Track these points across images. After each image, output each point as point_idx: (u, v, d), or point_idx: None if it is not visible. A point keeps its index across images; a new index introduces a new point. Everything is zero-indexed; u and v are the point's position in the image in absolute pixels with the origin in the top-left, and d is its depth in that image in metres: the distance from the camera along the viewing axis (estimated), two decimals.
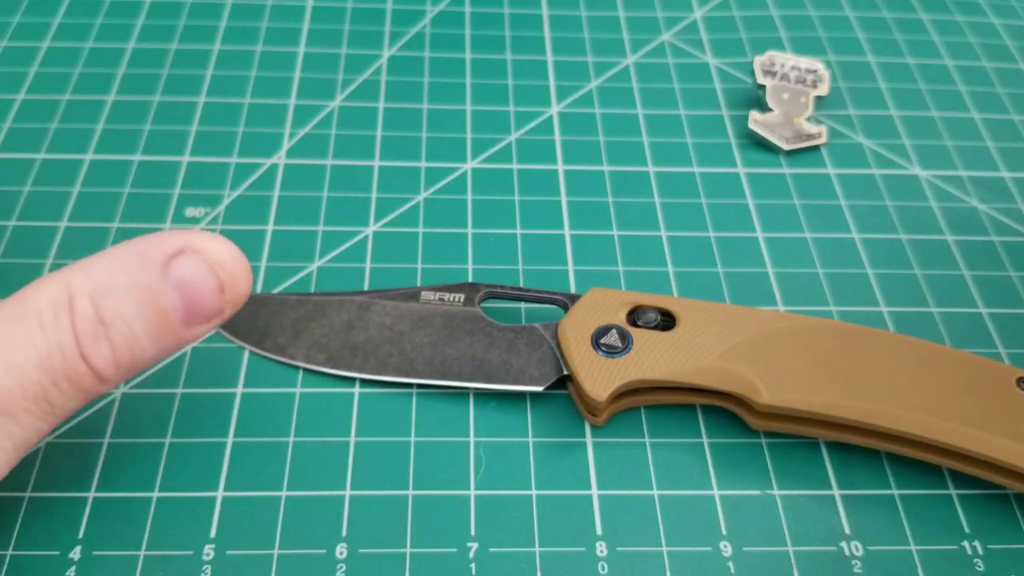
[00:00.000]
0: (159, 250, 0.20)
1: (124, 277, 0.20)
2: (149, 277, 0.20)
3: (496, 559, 0.24)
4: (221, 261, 0.21)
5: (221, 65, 0.37)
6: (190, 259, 0.20)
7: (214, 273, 0.21)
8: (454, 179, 0.34)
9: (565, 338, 0.26)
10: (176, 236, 0.20)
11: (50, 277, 0.20)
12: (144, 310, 0.20)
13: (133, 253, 0.20)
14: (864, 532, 0.25)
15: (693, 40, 0.40)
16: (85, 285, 0.20)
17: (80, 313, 0.19)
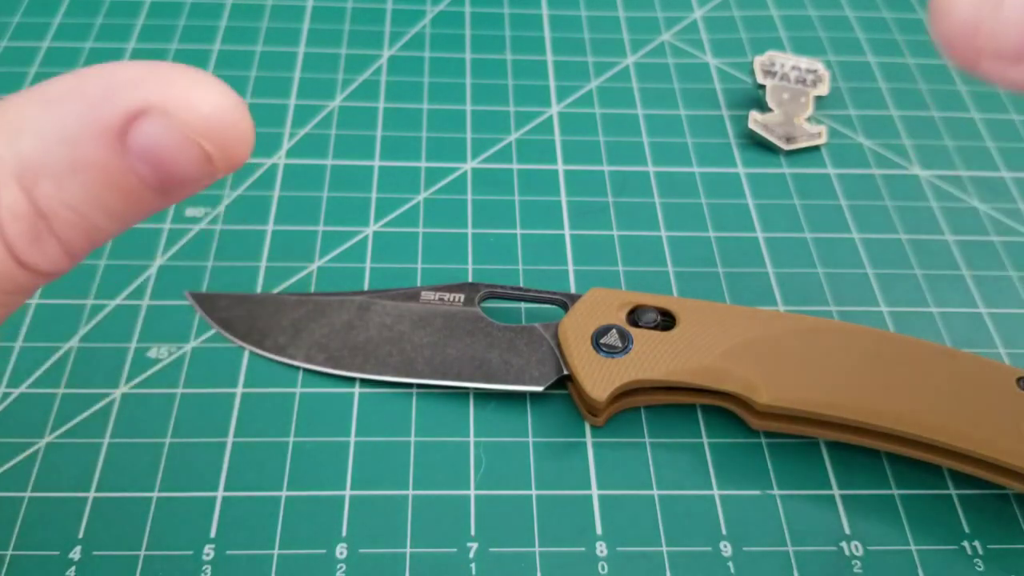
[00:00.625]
0: (111, 109, 0.14)
1: (66, 150, 0.14)
2: (102, 151, 0.14)
3: (496, 559, 0.24)
4: (199, 125, 0.14)
5: (221, 65, 0.37)
6: (155, 124, 0.14)
7: (191, 141, 0.14)
8: (454, 179, 0.34)
9: (565, 338, 0.26)
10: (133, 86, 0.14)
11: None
12: (100, 192, 0.14)
13: (77, 113, 0.14)
14: (864, 532, 0.25)
15: (693, 40, 0.40)
16: (9, 161, 0.14)
17: (7, 207, 0.14)
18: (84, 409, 0.26)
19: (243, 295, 0.29)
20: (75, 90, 0.14)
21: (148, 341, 0.28)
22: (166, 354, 0.27)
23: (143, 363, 0.27)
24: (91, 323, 0.28)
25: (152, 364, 0.27)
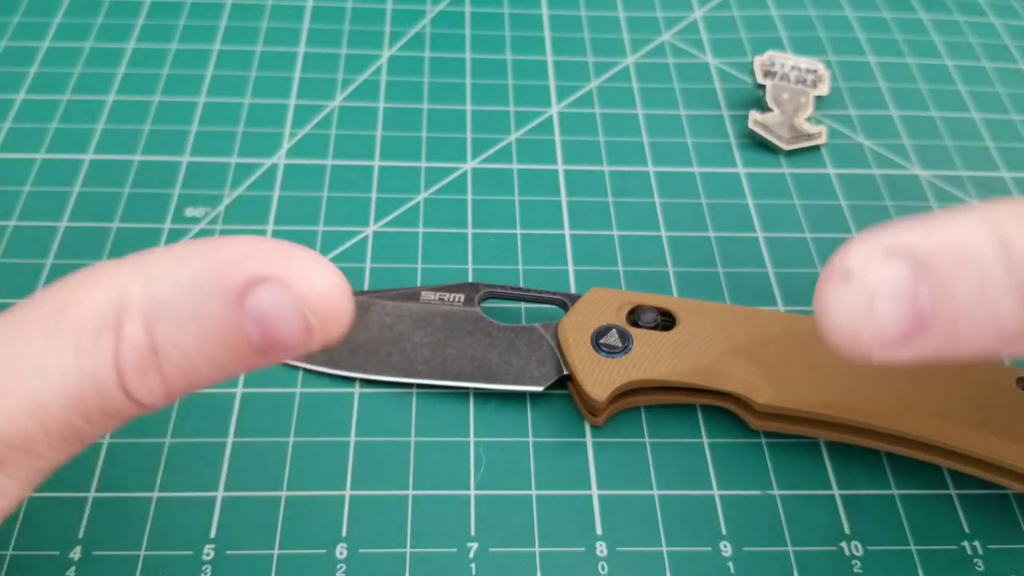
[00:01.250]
0: (239, 273, 0.16)
1: (191, 301, 0.16)
2: (222, 307, 0.16)
3: (496, 559, 0.24)
4: (310, 299, 0.16)
5: (221, 65, 0.37)
6: (273, 292, 0.16)
7: (301, 312, 0.16)
8: (454, 179, 0.34)
9: (565, 338, 0.26)
10: (260, 256, 0.16)
11: (103, 274, 0.16)
12: (210, 342, 0.16)
13: (207, 270, 0.16)
14: (864, 532, 0.25)
15: (693, 40, 0.40)
16: (142, 301, 0.16)
17: (129, 339, 0.16)
18: None
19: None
20: (210, 252, 0.16)
21: None
22: None
23: None
24: None
25: None
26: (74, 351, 0.16)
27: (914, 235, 0.17)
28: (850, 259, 0.17)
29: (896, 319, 0.17)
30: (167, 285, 0.16)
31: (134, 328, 0.16)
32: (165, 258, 0.16)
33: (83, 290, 0.16)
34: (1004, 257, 0.17)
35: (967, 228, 0.17)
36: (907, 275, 0.17)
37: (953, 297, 0.17)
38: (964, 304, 0.17)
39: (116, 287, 0.16)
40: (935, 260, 0.17)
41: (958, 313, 0.17)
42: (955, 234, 0.17)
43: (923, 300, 0.17)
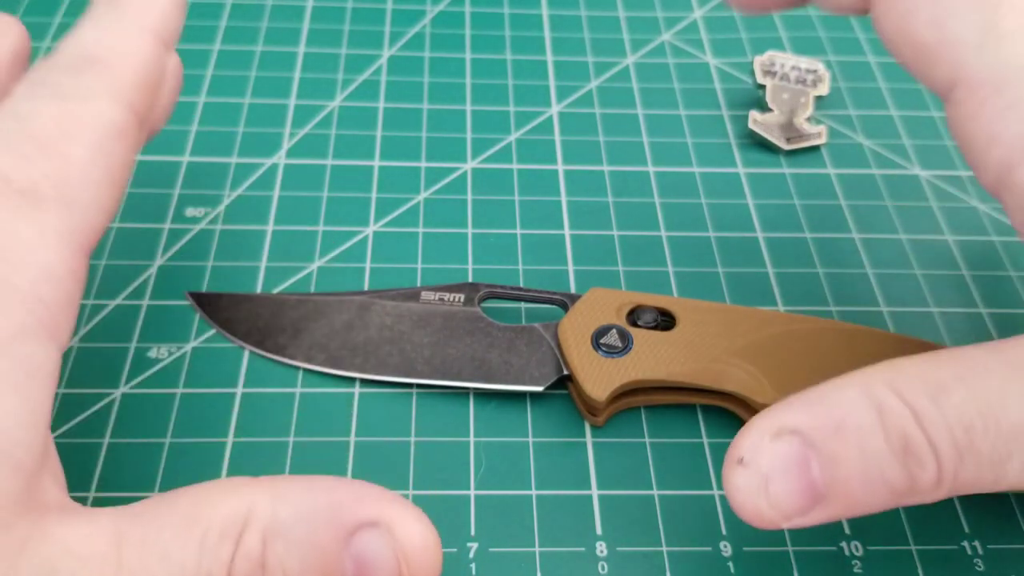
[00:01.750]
0: (353, 514, 0.18)
1: (306, 528, 0.17)
2: (330, 541, 0.18)
3: (496, 559, 0.24)
4: (409, 551, 0.18)
5: (221, 65, 0.37)
6: (379, 538, 0.18)
7: (397, 561, 0.18)
8: (454, 179, 0.34)
9: (565, 338, 0.26)
10: (375, 501, 0.18)
11: (237, 485, 0.18)
12: (310, 570, 0.18)
13: (327, 504, 0.18)
14: (864, 532, 0.25)
15: (693, 40, 0.40)
16: (266, 516, 0.17)
17: (245, 549, 0.17)
18: (84, 409, 0.26)
19: (243, 295, 0.29)
20: (333, 488, 0.18)
21: (148, 341, 0.28)
22: (166, 354, 0.27)
23: (143, 363, 0.27)
24: (91, 323, 0.28)
25: (152, 364, 0.27)
26: (198, 547, 0.17)
27: (799, 414, 0.19)
28: (743, 446, 0.19)
29: (792, 495, 0.19)
30: (290, 509, 0.18)
31: (253, 540, 0.17)
32: (294, 485, 0.18)
33: (219, 495, 0.18)
34: (879, 423, 0.18)
35: (845, 400, 0.19)
36: (795, 453, 0.19)
37: (841, 467, 0.18)
38: (852, 472, 0.18)
39: (248, 499, 0.18)
40: (818, 436, 0.18)
41: (849, 480, 0.18)
42: (834, 408, 0.19)
43: (815, 474, 0.18)
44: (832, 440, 0.18)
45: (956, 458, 0.18)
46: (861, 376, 0.19)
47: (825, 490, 0.19)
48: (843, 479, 0.18)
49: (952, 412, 0.18)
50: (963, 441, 0.18)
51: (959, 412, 0.18)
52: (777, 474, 0.19)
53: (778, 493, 0.19)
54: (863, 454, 0.18)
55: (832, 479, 0.18)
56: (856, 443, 0.18)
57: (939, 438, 0.18)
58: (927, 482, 0.18)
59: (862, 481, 0.18)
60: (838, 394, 0.19)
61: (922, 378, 0.18)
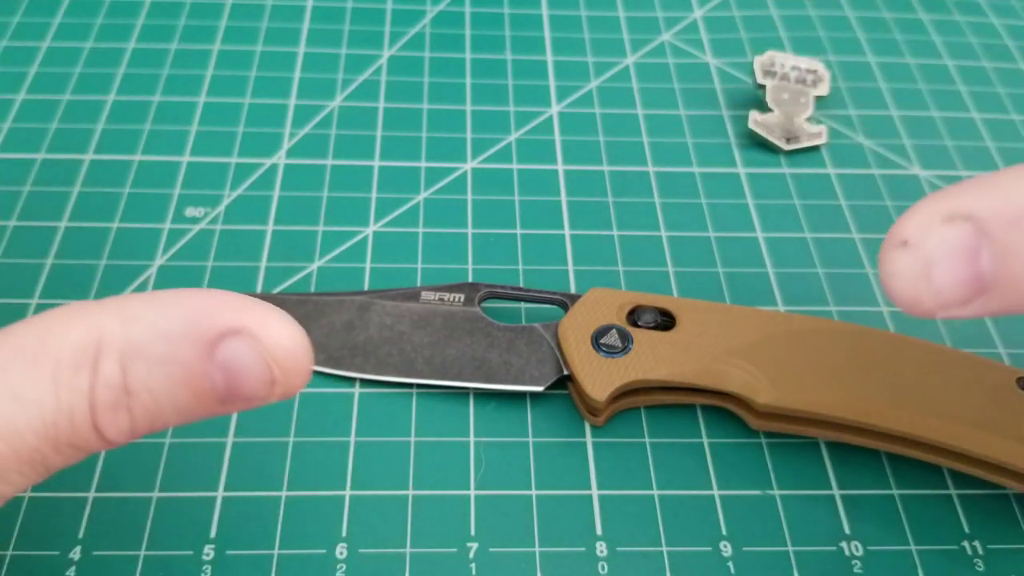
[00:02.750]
0: (212, 323, 0.17)
1: (164, 345, 0.17)
2: (193, 354, 0.17)
3: (496, 559, 0.24)
4: (277, 353, 0.17)
5: (221, 65, 0.37)
6: (244, 344, 0.17)
7: (267, 365, 0.17)
8: (454, 179, 0.34)
9: (565, 338, 0.26)
10: (233, 309, 0.17)
11: (83, 312, 0.17)
12: (177, 387, 0.17)
13: (183, 318, 0.17)
14: (864, 532, 0.25)
15: (693, 40, 0.40)
16: (119, 339, 0.17)
17: (104, 377, 0.16)
18: None
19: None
20: (186, 301, 0.17)
21: None
22: None
23: None
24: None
25: None
26: (52, 382, 0.16)
27: (974, 199, 0.17)
28: (909, 227, 0.18)
29: (955, 284, 0.17)
30: (144, 328, 0.17)
31: (110, 366, 0.16)
32: (144, 303, 0.17)
33: (63, 325, 0.17)
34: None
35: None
36: (966, 240, 0.17)
37: (1014, 261, 0.17)
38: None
39: (96, 325, 0.17)
40: (994, 225, 0.17)
41: (1020, 274, 0.17)
42: (1014, 196, 0.17)
43: (984, 264, 0.17)
44: (1010, 230, 0.17)
45: None
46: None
47: (992, 282, 0.17)
48: (1014, 273, 0.17)
49: None
50: None
51: None
52: (943, 260, 0.17)
53: (942, 280, 0.17)
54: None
55: (1003, 271, 0.17)
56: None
57: None
58: None
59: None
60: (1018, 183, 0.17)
61: None
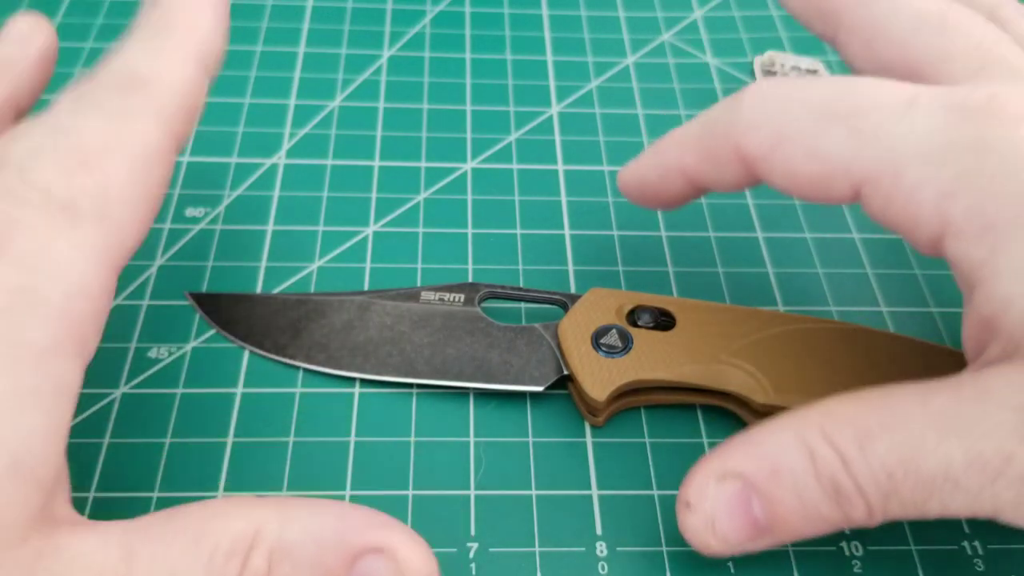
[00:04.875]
0: (360, 539, 0.19)
1: (312, 551, 0.18)
2: (337, 563, 0.18)
3: (496, 559, 0.24)
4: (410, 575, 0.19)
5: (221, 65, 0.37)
6: (383, 563, 0.18)
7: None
8: (454, 179, 0.34)
9: (565, 338, 0.26)
10: (380, 528, 0.19)
11: (247, 505, 0.19)
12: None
13: (334, 528, 0.18)
14: (864, 532, 0.25)
15: (693, 40, 0.40)
16: (273, 538, 0.18)
17: (251, 568, 0.18)
18: (84, 409, 0.26)
19: (243, 295, 0.29)
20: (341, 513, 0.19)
21: (148, 341, 0.28)
22: (166, 354, 0.27)
23: (143, 363, 0.27)
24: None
25: (152, 364, 0.27)
26: (206, 564, 0.18)
27: (740, 457, 0.21)
28: (690, 491, 0.21)
29: (736, 531, 0.21)
30: (299, 531, 0.18)
31: (260, 560, 0.18)
32: (303, 507, 0.19)
33: (227, 513, 0.18)
34: (812, 468, 0.20)
35: (781, 445, 0.20)
36: (738, 495, 0.20)
37: (779, 506, 0.20)
38: (790, 510, 0.20)
39: (256, 520, 0.18)
40: (756, 477, 0.20)
41: (787, 515, 0.20)
42: (771, 453, 0.20)
43: (756, 511, 0.20)
44: (770, 482, 0.20)
45: (883, 499, 0.19)
46: (797, 420, 0.20)
47: (767, 525, 0.20)
48: (782, 516, 0.20)
49: (876, 460, 0.19)
50: (887, 486, 0.19)
51: (882, 460, 0.19)
52: (722, 514, 0.21)
53: (724, 531, 0.21)
54: (799, 495, 0.20)
55: (772, 516, 0.20)
56: (791, 485, 0.20)
57: (865, 483, 0.19)
58: (859, 517, 0.20)
59: (800, 517, 0.20)
60: (775, 438, 0.20)
61: (852, 424, 0.20)
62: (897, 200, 0.20)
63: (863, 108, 0.21)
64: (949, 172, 0.19)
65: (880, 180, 0.20)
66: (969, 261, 0.19)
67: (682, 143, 0.24)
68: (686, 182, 0.24)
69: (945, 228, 0.20)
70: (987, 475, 0.18)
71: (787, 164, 0.21)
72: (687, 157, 0.24)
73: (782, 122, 0.21)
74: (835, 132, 0.21)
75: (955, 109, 0.20)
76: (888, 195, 0.20)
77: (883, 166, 0.20)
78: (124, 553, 0.18)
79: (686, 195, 0.25)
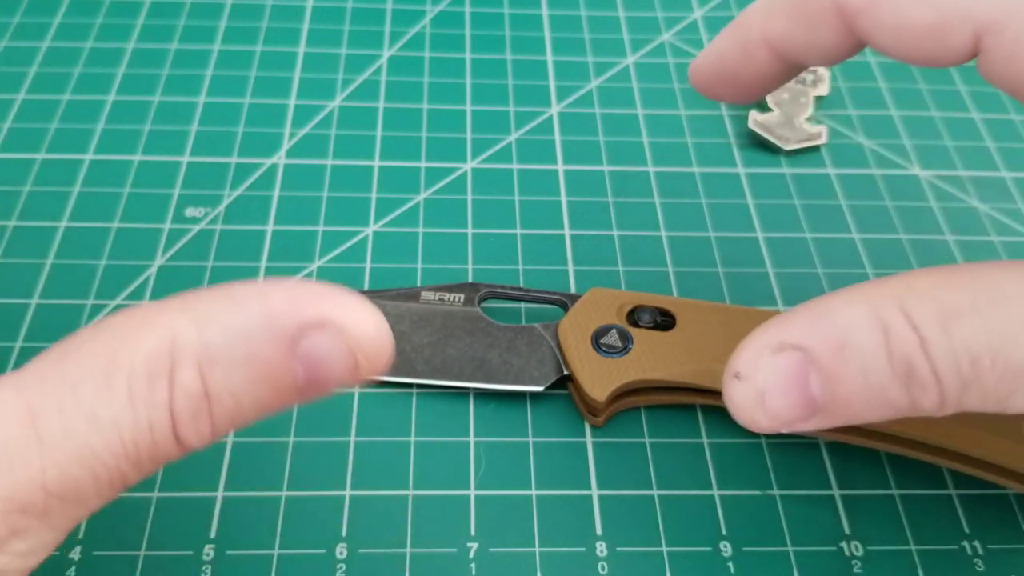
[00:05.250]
0: (293, 319, 0.16)
1: (244, 347, 0.16)
2: (274, 352, 0.16)
3: (496, 559, 0.24)
4: (362, 342, 0.16)
5: (221, 65, 0.37)
6: (328, 337, 0.16)
7: (352, 354, 0.16)
8: (454, 179, 0.34)
9: (565, 338, 0.26)
10: (314, 301, 0.16)
11: (151, 317, 0.16)
12: (259, 386, 0.16)
13: (261, 316, 0.16)
14: (864, 532, 0.25)
15: (693, 40, 0.40)
16: (194, 346, 0.16)
17: (182, 386, 0.16)
18: None
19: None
20: (262, 296, 0.16)
21: None
22: None
23: None
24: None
25: None
26: (128, 397, 0.15)
27: (802, 328, 0.18)
28: (741, 360, 0.19)
29: (788, 408, 0.19)
30: (219, 330, 0.16)
31: (188, 374, 0.16)
32: (215, 301, 0.16)
33: (133, 335, 0.16)
34: (884, 346, 0.18)
35: (850, 317, 0.18)
36: (796, 368, 0.18)
37: (841, 386, 0.18)
38: (853, 391, 0.18)
39: (168, 332, 0.16)
40: (820, 352, 0.18)
41: (850, 396, 0.18)
42: (839, 325, 0.18)
43: (814, 389, 0.18)
44: (834, 359, 0.18)
45: (960, 388, 0.17)
46: (871, 290, 0.18)
47: (824, 403, 0.18)
48: (843, 396, 0.18)
49: (961, 343, 0.17)
50: (969, 374, 0.17)
51: (968, 344, 0.17)
52: (775, 388, 0.19)
53: (776, 406, 0.19)
54: (865, 375, 0.18)
55: (832, 396, 0.18)
56: (859, 364, 0.18)
57: (945, 369, 0.17)
58: (929, 405, 0.18)
59: (863, 399, 0.18)
60: (845, 311, 0.18)
61: (936, 301, 0.17)
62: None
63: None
64: None
65: (1006, 25, 0.18)
66: None
67: (768, 7, 0.21)
68: (774, 56, 0.22)
69: None
70: None
71: (896, 12, 0.19)
72: (775, 23, 0.21)
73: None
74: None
75: None
76: (1015, 44, 0.18)
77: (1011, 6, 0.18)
78: (26, 416, 0.15)
79: (774, 75, 0.22)
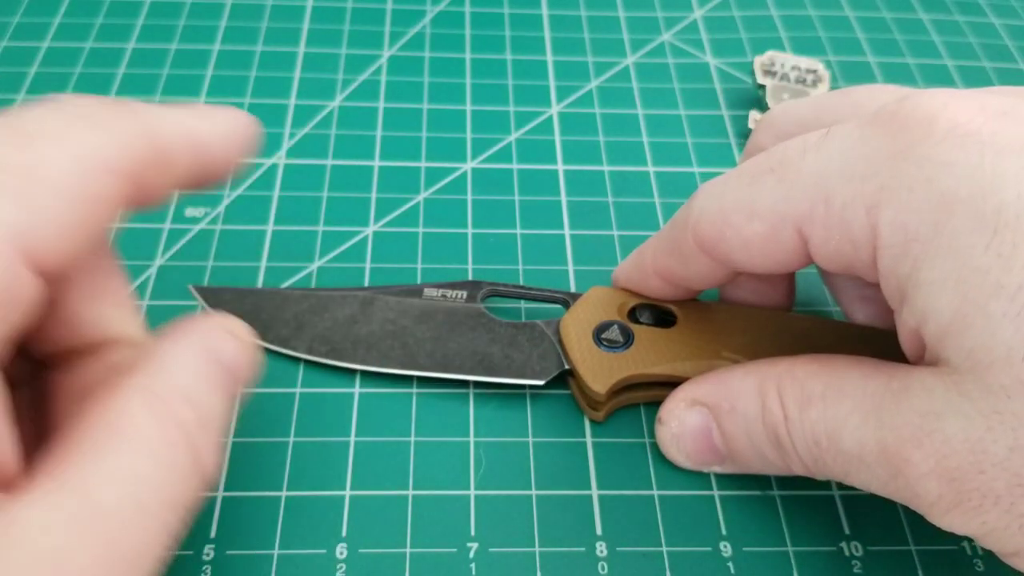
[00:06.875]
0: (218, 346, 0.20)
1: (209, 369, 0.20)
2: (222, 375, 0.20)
3: (496, 559, 0.24)
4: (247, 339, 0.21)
5: (221, 65, 0.37)
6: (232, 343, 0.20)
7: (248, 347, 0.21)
8: (454, 179, 0.34)
9: (566, 333, 0.26)
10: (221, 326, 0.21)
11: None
12: (222, 388, 0.20)
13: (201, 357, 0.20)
14: (864, 532, 0.25)
15: (693, 40, 0.40)
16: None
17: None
18: None
19: (247, 289, 0.29)
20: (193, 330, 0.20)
21: None
22: None
23: None
24: None
25: None
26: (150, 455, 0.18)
27: (708, 388, 0.24)
28: (663, 410, 0.25)
29: (698, 453, 0.24)
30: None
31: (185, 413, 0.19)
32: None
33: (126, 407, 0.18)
34: (762, 416, 0.22)
35: (742, 387, 0.23)
36: (701, 420, 0.24)
37: (733, 440, 0.23)
38: (741, 447, 0.23)
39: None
40: (718, 411, 0.23)
41: (741, 451, 0.23)
42: (733, 391, 0.23)
43: (716, 440, 0.24)
44: (727, 418, 0.23)
45: (812, 461, 0.21)
46: (764, 369, 0.23)
47: (725, 454, 0.24)
48: (736, 450, 0.23)
49: (809, 425, 0.21)
50: (815, 451, 0.21)
51: (813, 427, 0.21)
52: (687, 436, 0.24)
53: (688, 450, 0.24)
54: (749, 436, 0.23)
55: (729, 448, 0.23)
56: (744, 426, 0.23)
57: (799, 444, 0.21)
58: (798, 470, 0.22)
59: (750, 455, 0.23)
60: (740, 381, 0.23)
61: (801, 386, 0.21)
62: (834, 229, 0.20)
63: (787, 156, 0.21)
64: (872, 185, 0.19)
65: (814, 213, 0.20)
66: (897, 276, 0.19)
67: (655, 246, 0.25)
68: (665, 282, 0.25)
69: (876, 243, 0.19)
70: (890, 468, 0.19)
71: (737, 235, 0.21)
72: (660, 259, 0.25)
73: (724, 199, 0.22)
74: (765, 185, 0.21)
75: (869, 124, 0.20)
76: (826, 228, 0.20)
77: (813, 196, 0.20)
78: None
79: (675, 294, 0.26)
